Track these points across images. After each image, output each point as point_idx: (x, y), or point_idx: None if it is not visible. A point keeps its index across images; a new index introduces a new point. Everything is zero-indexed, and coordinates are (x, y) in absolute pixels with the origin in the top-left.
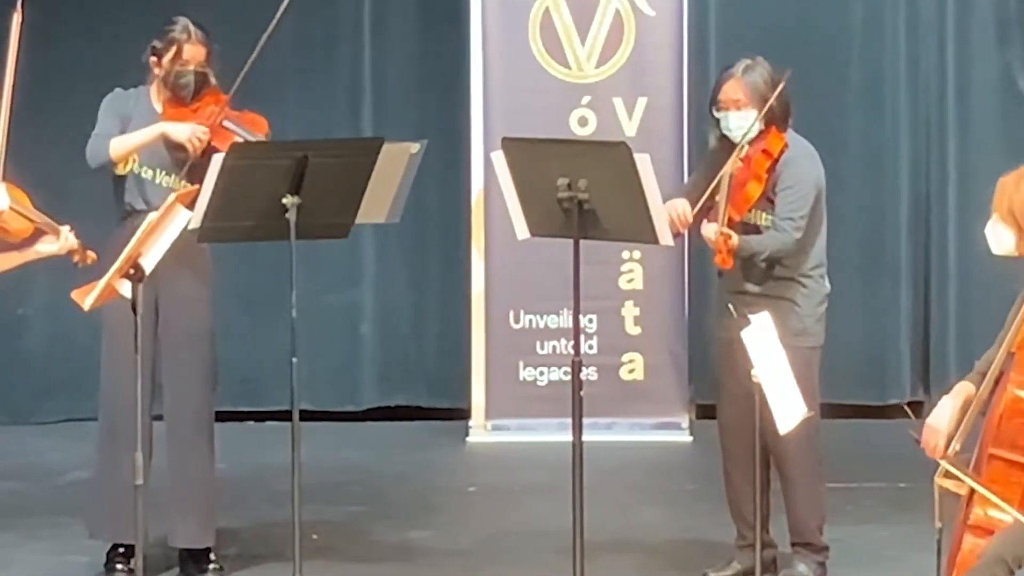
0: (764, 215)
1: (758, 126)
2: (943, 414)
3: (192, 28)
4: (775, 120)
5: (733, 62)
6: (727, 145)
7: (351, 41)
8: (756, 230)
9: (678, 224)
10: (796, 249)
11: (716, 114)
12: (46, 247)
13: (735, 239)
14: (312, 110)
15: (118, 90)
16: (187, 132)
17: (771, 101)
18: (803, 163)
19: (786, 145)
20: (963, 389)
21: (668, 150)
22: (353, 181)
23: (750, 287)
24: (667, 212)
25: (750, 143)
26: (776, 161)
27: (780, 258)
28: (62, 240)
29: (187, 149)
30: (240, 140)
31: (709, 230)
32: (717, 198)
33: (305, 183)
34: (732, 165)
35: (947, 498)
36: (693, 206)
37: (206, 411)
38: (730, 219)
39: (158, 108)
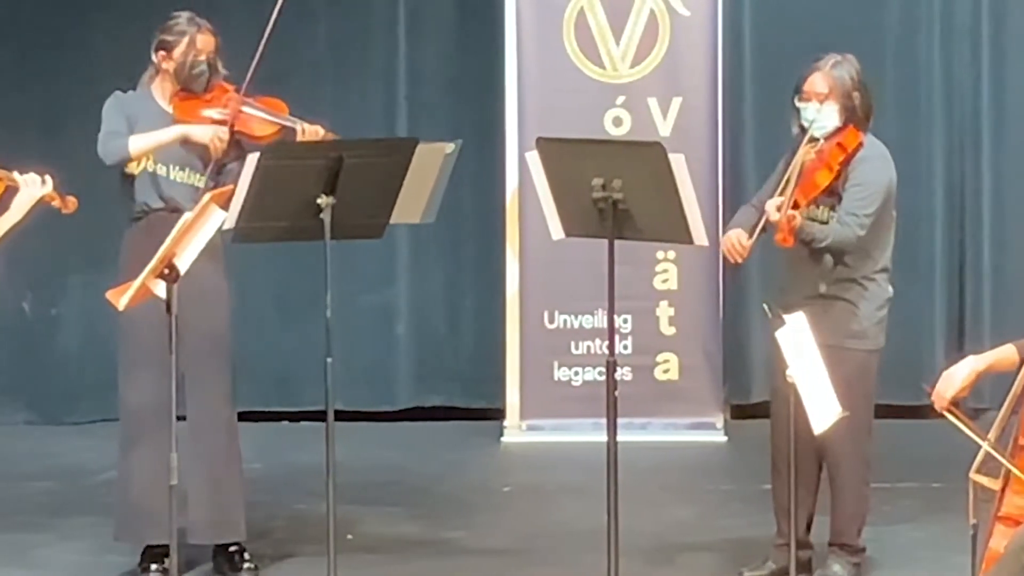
0: (828, 211)
1: (836, 120)
2: (962, 368)
3: (199, 19)
4: (855, 119)
5: (821, 55)
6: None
7: (386, 41)
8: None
9: (735, 253)
10: (857, 246)
11: (797, 104)
12: (20, 198)
13: (798, 219)
14: (347, 110)
15: (117, 92)
16: (209, 133)
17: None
18: (876, 163)
19: (861, 144)
20: (1001, 352)
21: (703, 150)
22: (388, 181)
23: (811, 287)
24: (725, 242)
25: (826, 137)
26: (849, 157)
27: (839, 251)
28: (29, 185)
29: (207, 146)
30: (265, 120)
31: (771, 207)
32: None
33: (340, 183)
34: (805, 155)
35: (982, 494)
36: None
37: (228, 408)
38: (796, 202)
39: (164, 105)
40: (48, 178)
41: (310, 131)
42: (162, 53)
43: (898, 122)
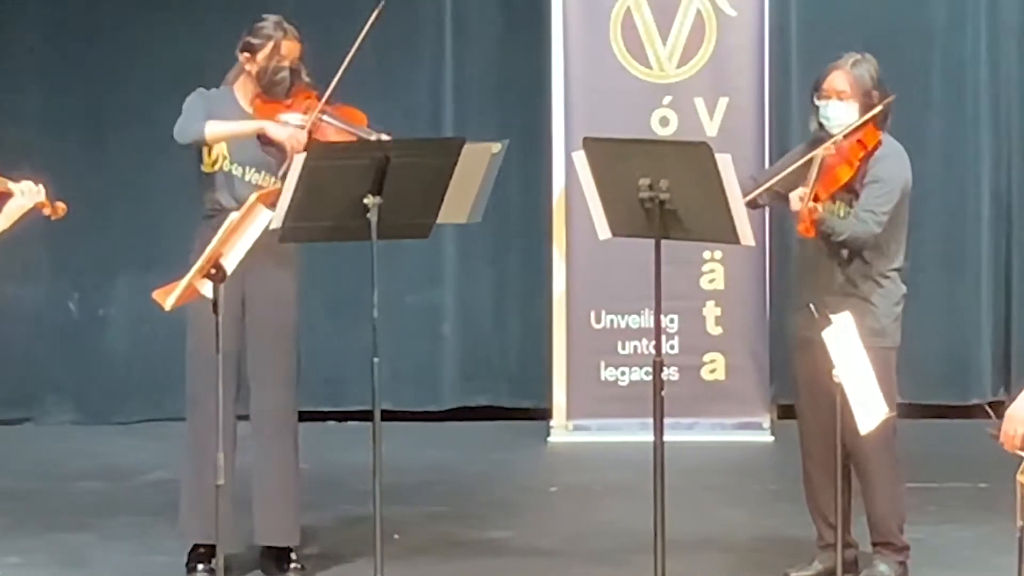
0: (846, 208)
1: (854, 118)
2: (1022, 405)
3: (286, 24)
4: (873, 117)
5: (841, 54)
6: (824, 135)
7: (432, 41)
8: None
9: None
10: (873, 243)
11: (817, 102)
12: (10, 206)
13: (819, 211)
14: (393, 110)
15: (201, 89)
16: (287, 133)
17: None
18: (894, 162)
19: (880, 142)
20: None
21: (749, 150)
22: (434, 181)
23: (828, 285)
24: None
25: (846, 135)
26: (869, 154)
27: (856, 247)
28: (23, 194)
29: (284, 148)
30: (343, 130)
31: (794, 196)
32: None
33: (386, 183)
34: (825, 150)
35: None
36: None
37: (291, 409)
38: (816, 196)
39: (244, 105)
40: (41, 187)
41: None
42: (246, 55)
43: (945, 121)
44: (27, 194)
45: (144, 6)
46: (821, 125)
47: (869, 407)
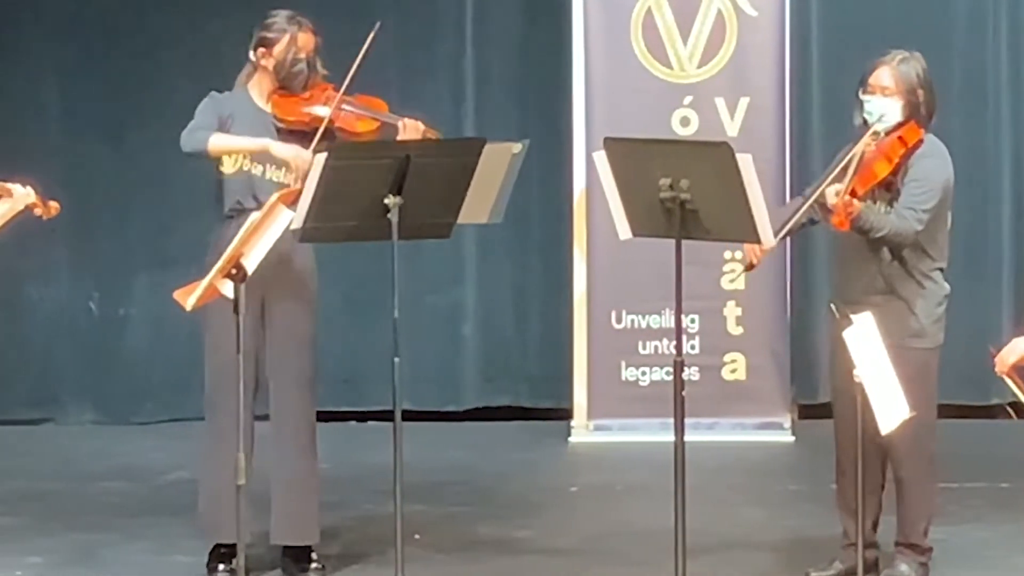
0: (886, 206)
1: (898, 115)
2: None
3: (300, 18)
4: (917, 115)
5: (889, 50)
6: (866, 129)
7: (453, 41)
8: None
9: (752, 254)
10: (913, 240)
11: (861, 96)
12: (2, 207)
13: (856, 206)
14: (414, 110)
15: (214, 93)
16: (292, 153)
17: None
18: (935, 160)
19: (921, 140)
20: None
21: (770, 150)
22: (455, 181)
23: (869, 286)
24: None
25: (887, 131)
26: (909, 151)
27: (896, 244)
28: (16, 197)
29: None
30: (366, 117)
31: (831, 191)
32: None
33: (407, 183)
34: (864, 145)
35: None
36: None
37: (309, 410)
38: (853, 190)
39: (261, 103)
40: (29, 188)
41: (410, 126)
42: (262, 50)
43: (965, 121)
44: (17, 197)
45: (164, 4)
46: (865, 121)
47: (890, 407)
